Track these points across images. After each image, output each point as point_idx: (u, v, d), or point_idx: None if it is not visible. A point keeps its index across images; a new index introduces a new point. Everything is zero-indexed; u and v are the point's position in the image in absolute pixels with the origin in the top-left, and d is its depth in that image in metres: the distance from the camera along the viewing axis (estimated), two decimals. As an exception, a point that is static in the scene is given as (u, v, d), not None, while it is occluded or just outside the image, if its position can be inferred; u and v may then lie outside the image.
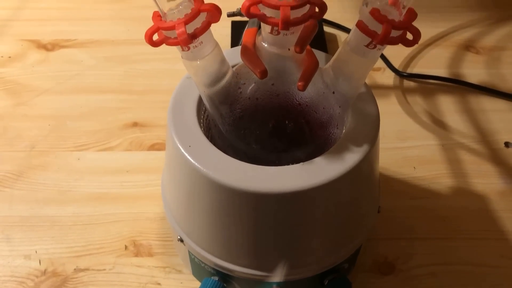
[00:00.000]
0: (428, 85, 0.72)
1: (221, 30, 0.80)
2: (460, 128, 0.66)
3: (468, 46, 0.79)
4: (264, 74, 0.34)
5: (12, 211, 0.55)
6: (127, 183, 0.58)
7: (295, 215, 0.36)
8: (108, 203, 0.56)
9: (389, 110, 0.69)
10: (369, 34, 0.33)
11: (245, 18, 0.81)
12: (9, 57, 0.76)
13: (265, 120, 0.38)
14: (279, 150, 0.38)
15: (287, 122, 0.38)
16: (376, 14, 0.32)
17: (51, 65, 0.75)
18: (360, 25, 0.33)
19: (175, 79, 0.60)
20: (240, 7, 0.33)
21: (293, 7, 0.31)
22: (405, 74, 0.73)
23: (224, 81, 0.37)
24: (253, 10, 0.32)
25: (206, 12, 0.32)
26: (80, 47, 0.78)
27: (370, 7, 0.33)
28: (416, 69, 0.75)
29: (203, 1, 0.33)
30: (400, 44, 0.34)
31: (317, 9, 0.33)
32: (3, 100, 0.69)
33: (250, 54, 0.35)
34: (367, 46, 0.34)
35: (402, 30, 0.33)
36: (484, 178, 0.60)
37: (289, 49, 0.35)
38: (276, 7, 0.31)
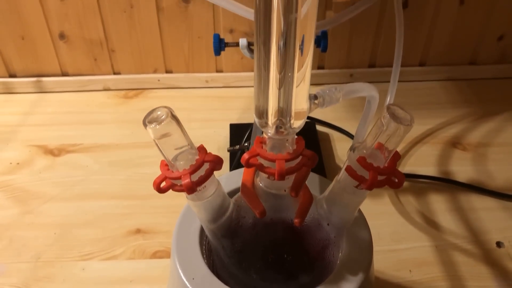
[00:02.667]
0: (419, 184, 0.75)
1: (220, 131, 0.85)
2: (452, 228, 0.68)
3: (455, 143, 0.83)
4: (263, 214, 0.37)
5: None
6: (131, 295, 0.60)
7: None
8: (111, 317, 0.57)
9: (383, 210, 0.71)
10: (357, 179, 0.36)
11: (244, 121, 0.86)
12: (18, 163, 0.79)
13: (265, 253, 0.40)
14: (278, 280, 0.40)
15: (285, 255, 0.40)
16: (362, 162, 0.35)
17: (57, 171, 0.78)
18: (348, 170, 0.36)
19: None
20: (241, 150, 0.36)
21: (287, 160, 0.35)
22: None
23: (225, 216, 0.40)
24: (252, 161, 0.35)
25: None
26: (86, 152, 0.82)
27: (357, 153, 0.36)
28: (407, 167, 0.78)
29: (206, 151, 0.36)
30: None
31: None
32: (10, 209, 0.71)
33: (250, 194, 0.38)
34: (356, 187, 0.37)
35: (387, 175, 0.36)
36: (478, 281, 0.61)
37: (285, 190, 0.38)
38: (272, 160, 0.35)
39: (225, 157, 0.79)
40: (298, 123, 0.35)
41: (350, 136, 0.84)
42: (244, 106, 0.93)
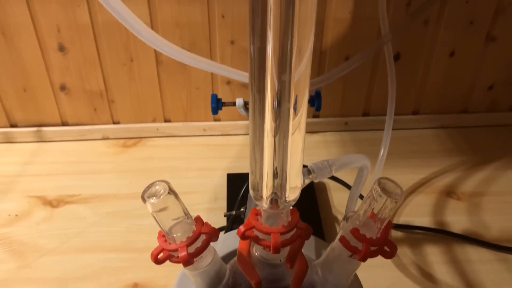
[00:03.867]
0: (415, 235, 0.76)
1: (218, 181, 0.86)
2: (448, 281, 0.68)
3: (449, 192, 0.84)
4: (259, 285, 0.37)
5: None
6: None
7: None
8: None
9: (379, 263, 0.71)
10: (351, 250, 0.37)
11: (241, 171, 0.87)
12: (16, 215, 0.80)
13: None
14: None
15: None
16: (356, 233, 0.36)
17: (55, 223, 0.78)
18: (342, 241, 0.37)
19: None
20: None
21: (282, 233, 0.36)
22: (392, 224, 0.77)
23: (221, 284, 0.40)
24: (247, 233, 0.36)
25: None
26: (84, 203, 0.82)
27: (350, 223, 0.38)
28: (402, 217, 0.79)
29: (203, 222, 0.37)
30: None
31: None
32: (8, 263, 0.71)
33: (246, 263, 0.39)
34: (350, 256, 0.38)
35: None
36: (476, 336, 0.61)
37: (280, 260, 0.39)
38: (267, 233, 0.36)
39: (222, 207, 0.80)
40: (293, 196, 0.36)
41: (346, 185, 0.85)
42: (241, 154, 0.94)
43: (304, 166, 0.86)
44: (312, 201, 0.81)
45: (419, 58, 0.91)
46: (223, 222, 0.75)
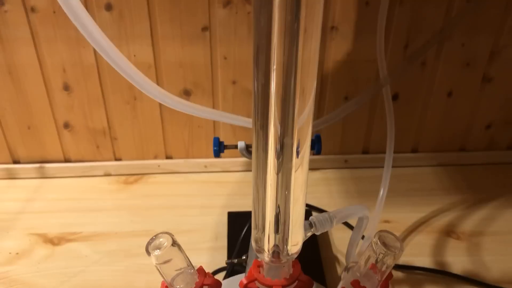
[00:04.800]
0: (415, 275, 0.76)
1: (219, 219, 0.86)
2: (450, 324, 0.68)
3: (449, 232, 0.84)
4: (260, 336, 0.38)
5: None
6: None
7: None
8: None
9: (380, 304, 0.71)
10: (352, 302, 0.37)
11: (242, 209, 0.88)
12: (17, 253, 0.80)
13: None
14: None
15: None
16: (356, 286, 0.37)
17: (56, 261, 0.78)
18: (343, 292, 0.38)
19: None
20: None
21: (284, 286, 0.36)
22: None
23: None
24: (250, 285, 0.37)
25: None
26: (85, 241, 0.82)
27: (351, 274, 0.38)
28: (402, 257, 0.79)
29: (205, 273, 0.38)
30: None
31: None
32: (8, 303, 0.71)
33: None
34: (351, 307, 0.38)
35: (380, 298, 0.38)
36: None
37: (282, 311, 0.39)
38: (269, 286, 0.36)
39: (223, 246, 0.80)
40: (295, 249, 0.37)
41: (347, 224, 0.85)
42: (241, 191, 0.95)
43: (307, 208, 0.87)
44: (312, 240, 0.82)
45: (417, 98, 0.93)
46: (223, 261, 0.75)
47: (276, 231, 0.36)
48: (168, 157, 0.99)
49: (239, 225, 0.81)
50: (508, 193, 0.94)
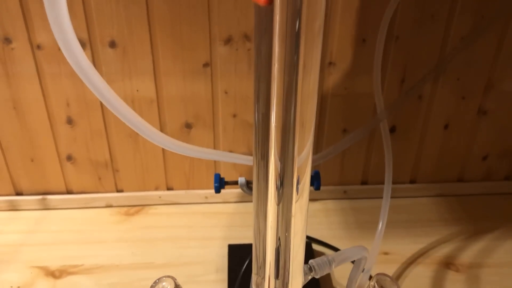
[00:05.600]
0: (415, 308, 0.77)
1: (219, 251, 0.87)
2: None
3: (448, 264, 0.85)
4: None
5: None
6: None
7: None
8: None
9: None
10: None
11: (242, 241, 0.89)
12: (18, 287, 0.80)
13: None
14: None
15: None
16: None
17: (57, 295, 0.79)
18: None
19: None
20: None
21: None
22: None
23: None
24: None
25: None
26: (87, 274, 0.83)
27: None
28: (402, 290, 0.80)
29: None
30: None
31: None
32: (9, 338, 0.71)
33: None
34: None
35: None
36: None
37: None
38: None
39: (223, 279, 0.81)
40: (294, 293, 0.38)
41: (346, 256, 0.86)
42: (242, 222, 0.95)
43: (307, 240, 0.87)
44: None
45: (415, 130, 0.95)
46: None
47: (276, 275, 0.37)
48: (169, 188, 1.00)
49: (239, 258, 0.82)
50: (506, 223, 0.94)
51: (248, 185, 0.65)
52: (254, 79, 0.45)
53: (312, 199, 1.01)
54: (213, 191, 0.99)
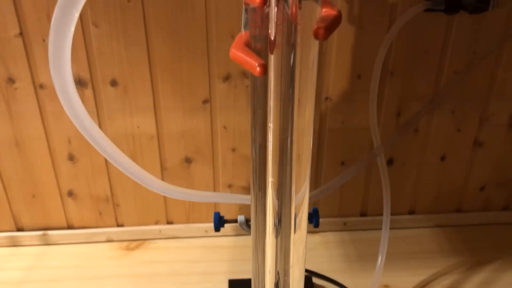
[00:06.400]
0: None
1: (219, 286, 0.87)
2: None
3: (448, 296, 0.85)
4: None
5: None
6: None
7: None
8: None
9: None
10: None
11: (242, 276, 0.89)
12: (19, 325, 0.80)
13: None
14: None
15: None
16: None
17: (58, 333, 0.79)
18: None
19: None
20: None
21: None
22: None
23: None
24: None
25: None
26: (87, 311, 0.83)
27: None
28: (403, 324, 0.80)
29: None
30: None
31: None
32: None
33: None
34: None
35: None
36: None
37: None
38: None
39: (224, 315, 0.81)
40: None
41: (346, 290, 0.86)
42: (242, 256, 0.96)
43: (307, 273, 0.87)
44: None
45: (412, 162, 0.96)
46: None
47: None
48: (169, 222, 1.00)
49: (239, 293, 0.82)
50: (506, 255, 0.95)
51: (247, 223, 0.66)
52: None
53: (311, 232, 1.02)
54: (212, 224, 1.00)
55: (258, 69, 0.38)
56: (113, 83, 0.83)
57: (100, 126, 0.87)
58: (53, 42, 0.38)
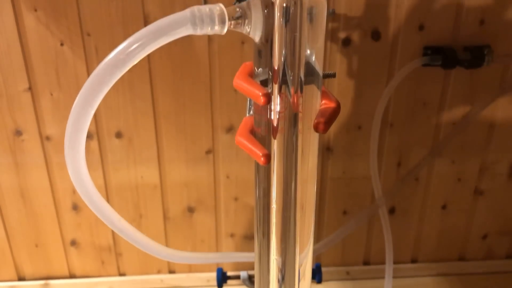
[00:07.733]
0: None
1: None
2: None
3: None
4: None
5: None
6: None
7: None
8: None
9: None
10: None
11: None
12: None
13: None
14: None
15: None
16: None
17: None
18: None
19: None
20: None
21: None
22: None
23: None
24: None
25: None
26: None
27: None
28: None
29: None
30: None
31: None
32: None
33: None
34: None
35: None
36: None
37: None
38: None
39: None
40: None
41: None
42: (244, 306, 0.95)
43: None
44: None
45: (413, 211, 0.96)
46: None
47: None
48: (171, 271, 1.00)
49: None
50: (510, 305, 0.94)
51: (251, 279, 0.66)
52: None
53: (314, 282, 1.01)
54: (215, 273, 0.99)
55: (262, 159, 0.41)
56: (118, 135, 0.85)
57: (104, 177, 0.88)
58: (71, 126, 0.40)
